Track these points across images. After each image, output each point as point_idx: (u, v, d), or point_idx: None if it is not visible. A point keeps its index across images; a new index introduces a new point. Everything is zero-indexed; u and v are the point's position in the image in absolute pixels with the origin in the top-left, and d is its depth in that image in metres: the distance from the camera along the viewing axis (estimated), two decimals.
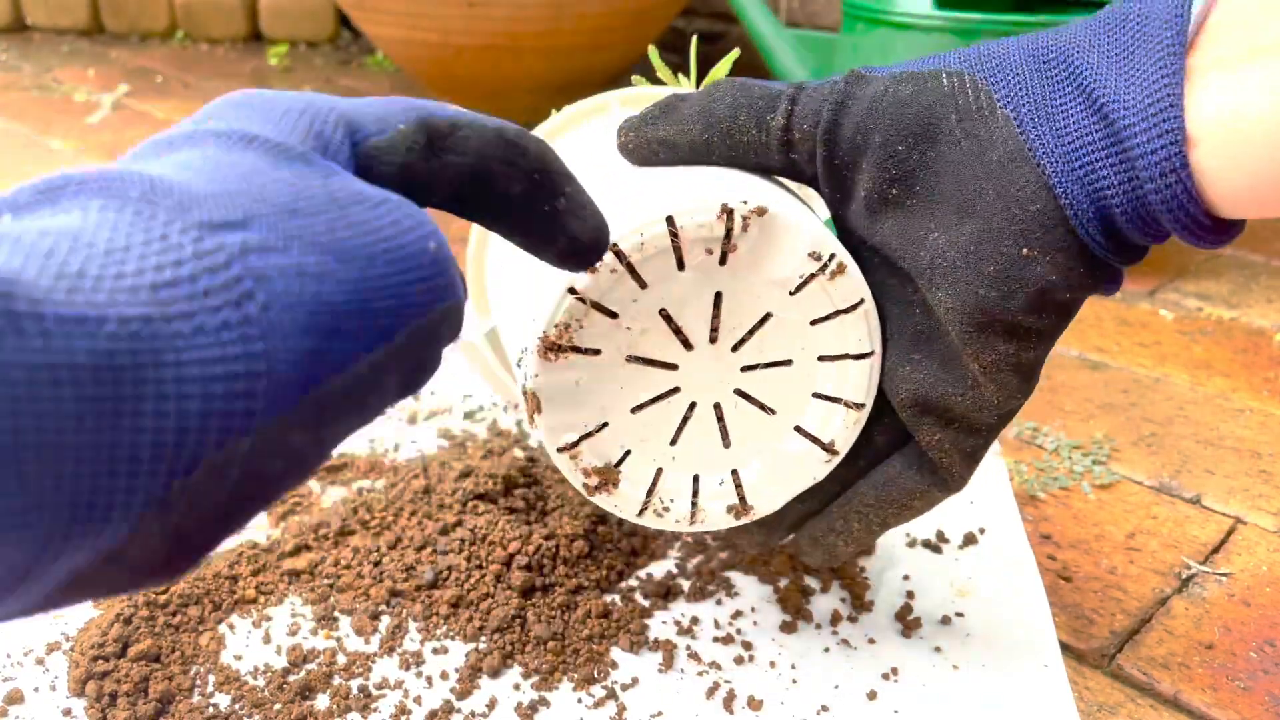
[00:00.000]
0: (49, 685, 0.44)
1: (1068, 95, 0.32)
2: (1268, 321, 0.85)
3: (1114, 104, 0.31)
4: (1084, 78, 0.32)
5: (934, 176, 0.34)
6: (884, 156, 0.34)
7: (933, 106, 0.34)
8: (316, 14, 2.00)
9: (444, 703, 0.43)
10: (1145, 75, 0.30)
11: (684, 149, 0.37)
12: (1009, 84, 0.33)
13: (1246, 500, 0.60)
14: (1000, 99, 0.33)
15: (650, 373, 0.37)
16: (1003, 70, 0.33)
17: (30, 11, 2.13)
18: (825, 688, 0.45)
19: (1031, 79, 0.33)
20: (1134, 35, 0.31)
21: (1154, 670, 0.47)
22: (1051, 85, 0.33)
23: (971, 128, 0.33)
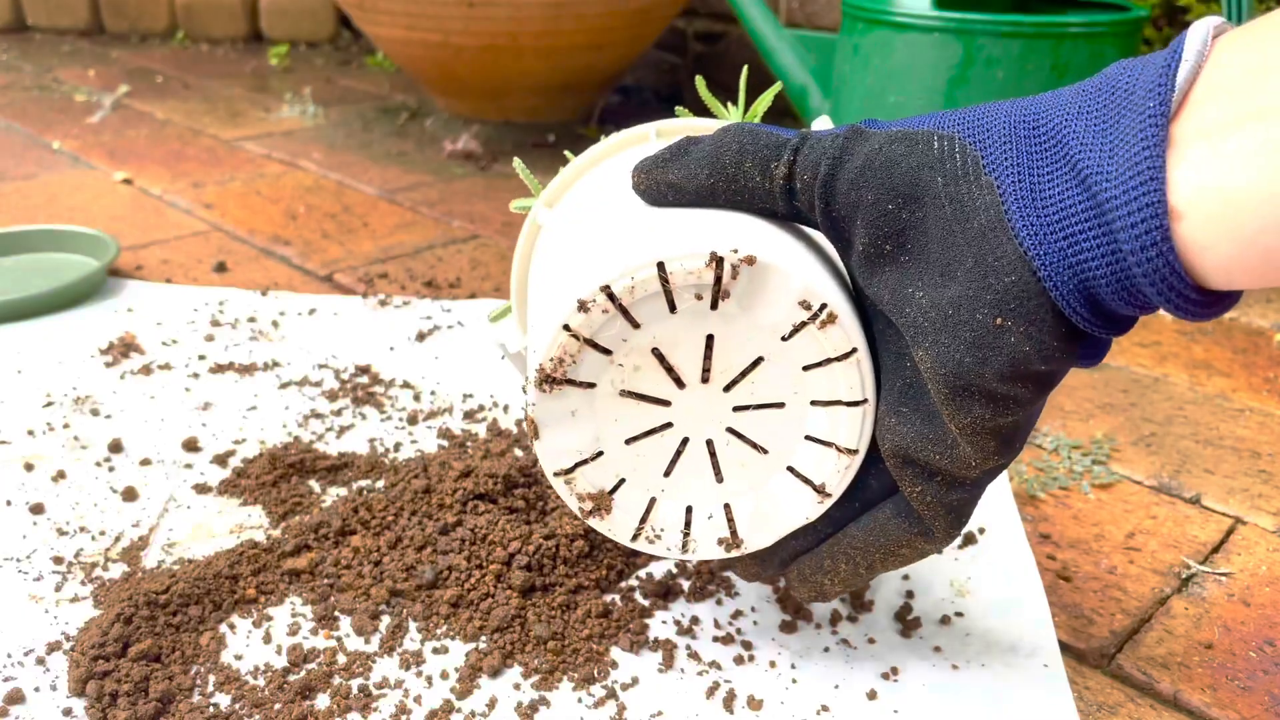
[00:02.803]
0: (49, 685, 0.44)
1: (1054, 164, 0.32)
2: (1268, 321, 0.85)
3: (1096, 175, 0.30)
4: (1069, 147, 0.32)
5: (922, 237, 0.34)
6: (876, 214, 0.34)
7: (920, 169, 0.34)
8: (316, 14, 2.01)
9: (444, 703, 0.43)
10: (1127, 145, 0.30)
11: (690, 193, 0.38)
12: (996, 150, 0.33)
13: (1246, 500, 0.60)
14: (987, 165, 0.33)
15: (644, 407, 0.38)
16: (991, 136, 0.33)
17: (31, 11, 2.13)
18: (825, 688, 0.45)
19: (1019, 146, 0.33)
20: (1119, 103, 0.31)
21: (1154, 670, 0.47)
22: (1038, 153, 0.32)
23: (957, 193, 0.33)
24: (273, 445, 0.62)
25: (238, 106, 1.54)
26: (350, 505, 0.54)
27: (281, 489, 0.57)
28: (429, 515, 0.53)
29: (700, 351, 0.37)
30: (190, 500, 0.57)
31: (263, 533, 0.54)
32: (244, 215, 1.06)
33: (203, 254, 0.95)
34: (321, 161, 1.26)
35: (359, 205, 1.10)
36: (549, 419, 0.38)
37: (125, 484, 0.58)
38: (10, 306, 0.78)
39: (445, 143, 1.31)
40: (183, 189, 1.14)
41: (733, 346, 0.37)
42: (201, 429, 0.64)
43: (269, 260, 0.94)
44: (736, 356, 0.37)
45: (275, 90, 1.65)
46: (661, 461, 0.39)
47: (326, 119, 1.47)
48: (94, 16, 2.12)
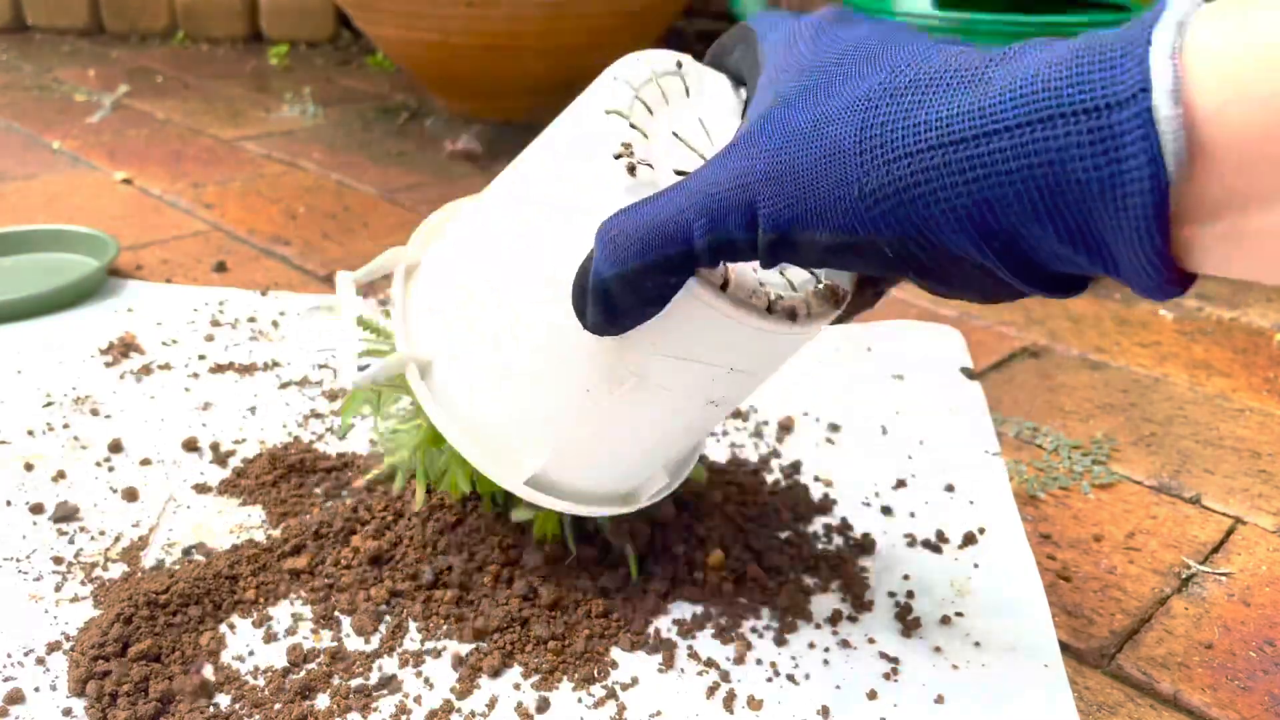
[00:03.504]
0: (49, 685, 0.44)
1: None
2: (1268, 321, 0.85)
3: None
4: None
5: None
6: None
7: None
8: (316, 14, 2.01)
9: (444, 703, 0.43)
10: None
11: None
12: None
13: (1246, 500, 0.60)
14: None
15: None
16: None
17: (30, 11, 2.13)
18: (825, 688, 0.45)
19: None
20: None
21: (1154, 670, 0.47)
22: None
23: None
24: (273, 445, 0.62)
25: (238, 106, 1.54)
26: (350, 505, 0.54)
27: (281, 489, 0.57)
28: (429, 515, 0.53)
29: (700, 130, 0.40)
30: (190, 500, 0.57)
31: (263, 533, 0.54)
32: (244, 215, 1.06)
33: (203, 254, 0.95)
34: (321, 161, 1.26)
35: (359, 205, 1.10)
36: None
37: (125, 484, 0.58)
38: (10, 306, 0.78)
39: (445, 143, 1.31)
40: (183, 189, 1.14)
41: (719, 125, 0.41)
42: (201, 429, 0.64)
43: (269, 260, 0.94)
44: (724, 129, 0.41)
45: (275, 90, 1.65)
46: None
47: (326, 119, 1.47)
48: (94, 16, 2.12)
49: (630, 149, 0.37)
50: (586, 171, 0.38)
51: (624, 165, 0.37)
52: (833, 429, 0.66)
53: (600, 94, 0.40)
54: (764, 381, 0.43)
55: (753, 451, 0.63)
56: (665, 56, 0.41)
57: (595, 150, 0.38)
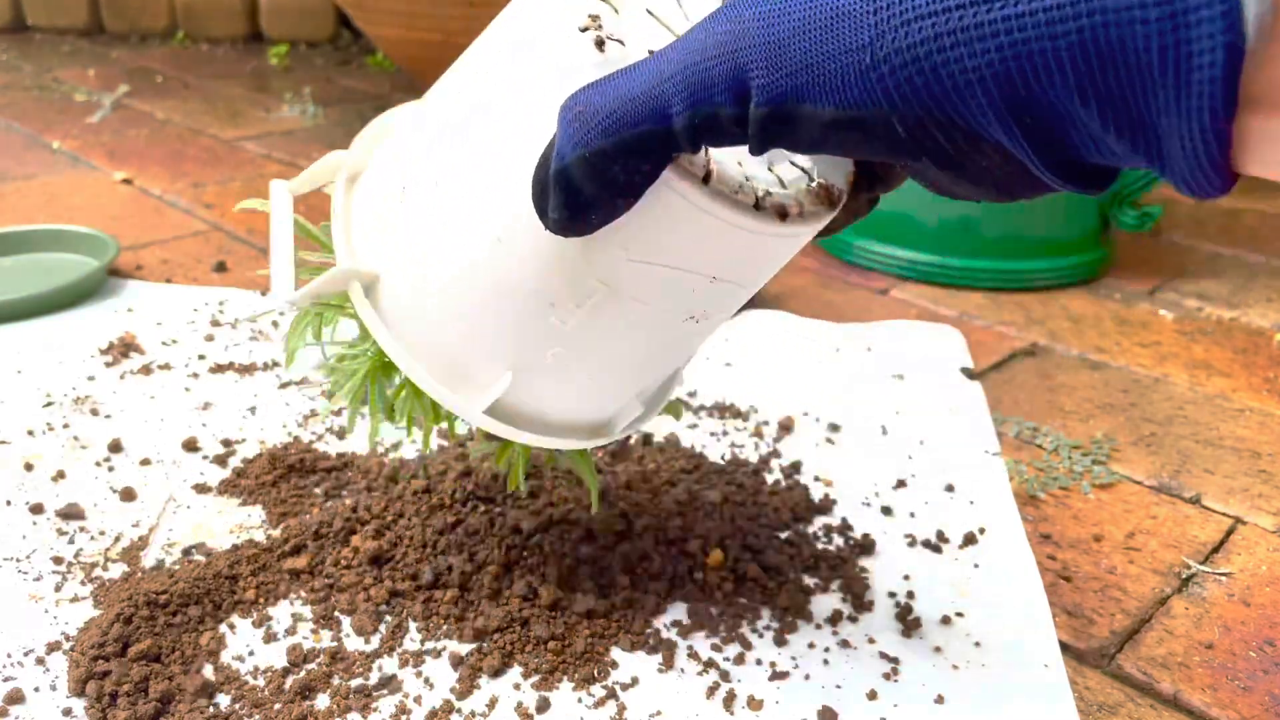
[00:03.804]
0: (49, 685, 0.44)
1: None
2: (1268, 321, 0.85)
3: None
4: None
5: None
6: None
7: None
8: (316, 14, 2.01)
9: (444, 703, 0.43)
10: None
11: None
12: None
13: (1246, 500, 0.60)
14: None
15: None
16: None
17: (30, 11, 2.13)
18: (825, 688, 0.45)
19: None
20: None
21: (1154, 670, 0.47)
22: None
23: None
24: (273, 445, 0.62)
25: (238, 106, 1.54)
26: (350, 505, 0.54)
27: (281, 489, 0.57)
28: (429, 515, 0.53)
29: (677, 9, 0.36)
30: (190, 500, 0.57)
31: (263, 533, 0.54)
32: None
33: (203, 254, 0.95)
34: None
35: None
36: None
37: (125, 484, 0.58)
38: (10, 306, 0.78)
39: None
40: (183, 189, 1.14)
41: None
42: (201, 429, 0.64)
43: (269, 260, 0.94)
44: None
45: (275, 90, 1.65)
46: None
47: (326, 119, 1.47)
48: (94, 16, 2.12)
49: (598, 22, 0.33)
50: (548, 48, 0.33)
51: (591, 39, 0.32)
52: (833, 429, 0.66)
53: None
54: (750, 294, 0.39)
55: (753, 451, 0.63)
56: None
57: (558, 24, 0.33)
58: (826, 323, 0.82)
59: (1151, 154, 0.23)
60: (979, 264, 0.90)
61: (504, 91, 0.35)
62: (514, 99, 0.34)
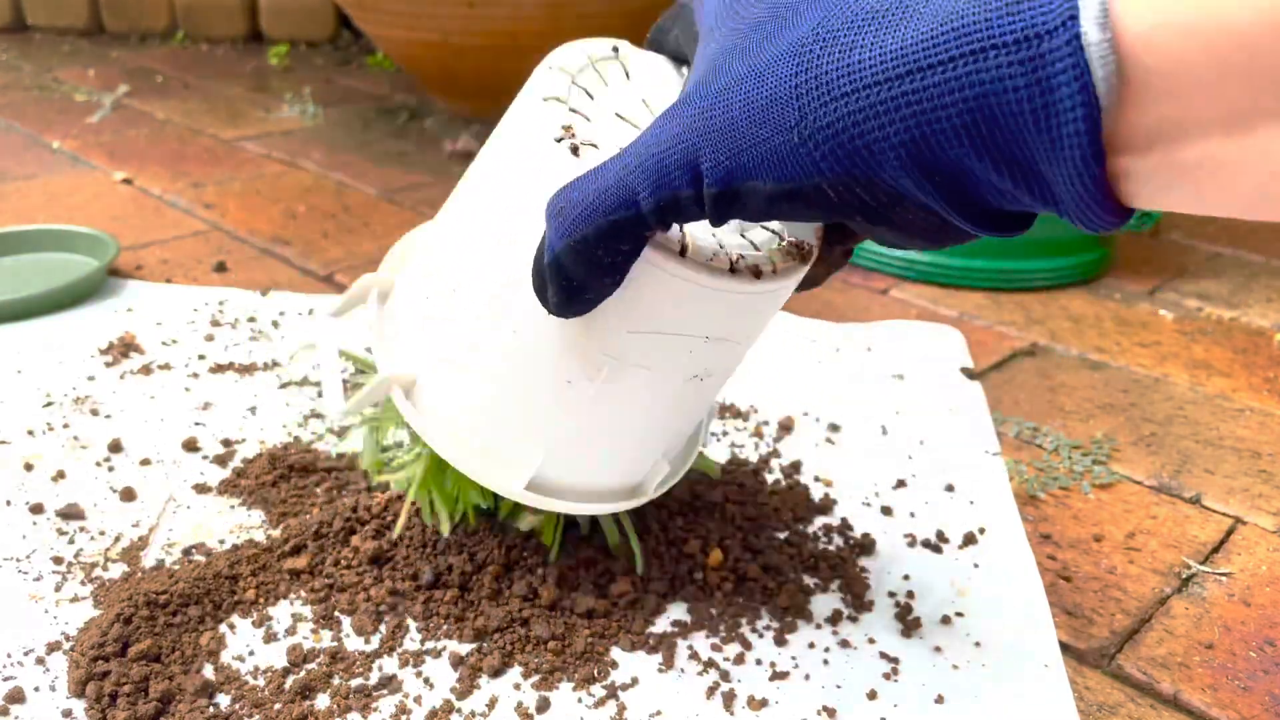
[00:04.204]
0: (49, 685, 0.44)
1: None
2: (1268, 321, 0.85)
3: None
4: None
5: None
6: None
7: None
8: (316, 14, 2.00)
9: (444, 703, 0.43)
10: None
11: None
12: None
13: (1246, 500, 0.60)
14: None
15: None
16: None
17: (30, 11, 2.13)
18: (825, 688, 0.45)
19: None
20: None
21: (1154, 670, 0.47)
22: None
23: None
24: (272, 445, 0.62)
25: (238, 106, 1.54)
26: (350, 505, 0.54)
27: (281, 489, 0.57)
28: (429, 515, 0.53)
29: (643, 108, 0.41)
30: (190, 500, 0.57)
31: (263, 533, 0.54)
32: (244, 215, 1.06)
33: (203, 254, 0.95)
34: (321, 161, 1.26)
35: (359, 205, 1.10)
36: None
37: (125, 484, 0.58)
38: (10, 306, 0.78)
39: (445, 143, 1.31)
40: (183, 189, 1.14)
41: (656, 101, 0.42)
42: (201, 429, 0.64)
43: (269, 260, 0.94)
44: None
45: (275, 90, 1.65)
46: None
47: (326, 119, 1.47)
48: (94, 16, 2.12)
49: (571, 131, 0.37)
50: (531, 161, 0.37)
51: (566, 147, 0.36)
52: (833, 429, 0.66)
53: (538, 84, 0.40)
54: (747, 349, 0.42)
55: (753, 451, 0.63)
56: (601, 43, 0.41)
57: (537, 138, 0.37)
58: (826, 323, 0.82)
59: (1046, 199, 0.27)
60: (979, 264, 0.90)
61: (499, 200, 0.39)
62: (508, 206, 0.39)
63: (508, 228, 0.38)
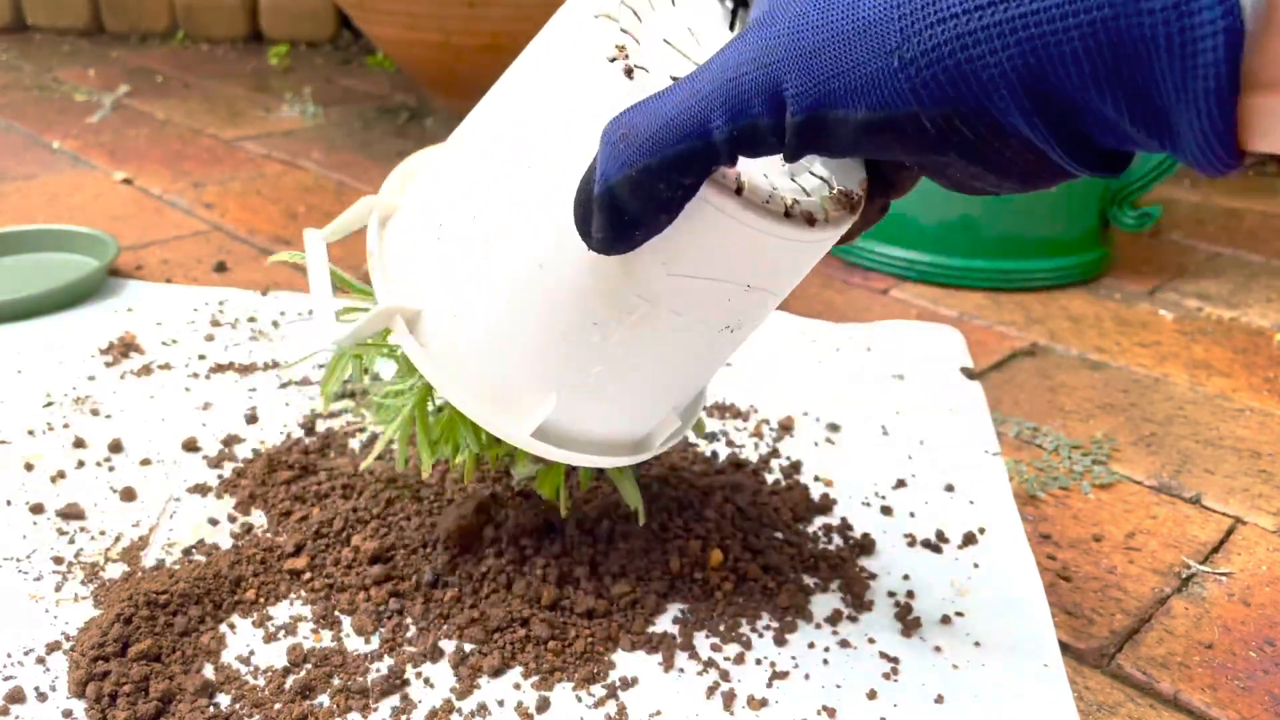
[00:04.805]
0: (49, 685, 0.44)
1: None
2: (1268, 321, 0.85)
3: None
4: None
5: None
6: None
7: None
8: (316, 14, 2.00)
9: (444, 702, 0.43)
10: None
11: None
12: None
13: (1246, 500, 0.60)
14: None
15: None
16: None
17: (31, 11, 2.13)
18: (825, 688, 0.45)
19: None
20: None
21: (1154, 670, 0.47)
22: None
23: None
24: (272, 445, 0.62)
25: (238, 106, 1.54)
26: (350, 505, 0.54)
27: (281, 489, 0.57)
28: (429, 515, 0.53)
29: (690, 38, 0.37)
30: (190, 500, 0.57)
31: (263, 533, 0.54)
32: (244, 215, 1.06)
33: (203, 254, 0.95)
34: (321, 161, 1.26)
35: None
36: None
37: (125, 484, 0.58)
38: (10, 306, 0.78)
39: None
40: (183, 189, 1.14)
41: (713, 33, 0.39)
42: (201, 429, 0.64)
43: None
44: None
45: (275, 90, 1.65)
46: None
47: (326, 119, 1.47)
48: (94, 16, 2.12)
49: (625, 52, 0.34)
50: (579, 79, 0.35)
51: (620, 68, 0.34)
52: (833, 429, 0.66)
53: (583, 2, 0.37)
54: (778, 301, 0.40)
55: (753, 451, 0.63)
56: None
57: (587, 56, 0.34)
58: (826, 323, 0.82)
59: (1164, 137, 0.25)
60: (979, 264, 0.90)
61: (538, 122, 0.36)
62: (549, 129, 0.36)
63: (545, 149, 0.35)
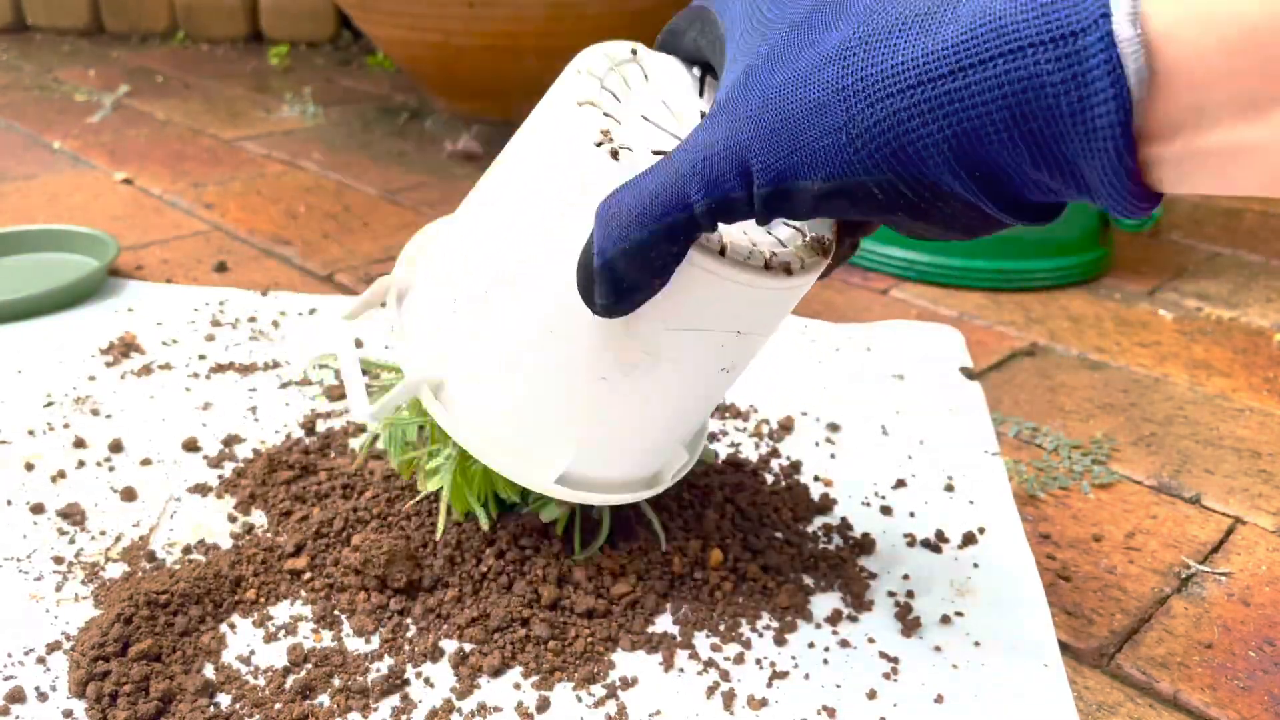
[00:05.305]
0: (49, 685, 0.44)
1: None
2: (1267, 321, 0.85)
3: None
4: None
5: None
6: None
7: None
8: (317, 14, 2.00)
9: (444, 702, 0.43)
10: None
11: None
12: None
13: (1246, 500, 0.60)
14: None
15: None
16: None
17: (31, 11, 2.13)
18: (825, 688, 0.45)
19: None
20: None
21: (1153, 670, 0.47)
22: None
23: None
24: (273, 445, 0.62)
25: (238, 106, 1.54)
26: (350, 505, 0.54)
27: (281, 489, 0.57)
28: (429, 515, 0.53)
29: (664, 110, 0.41)
30: (190, 500, 0.57)
31: (263, 533, 0.54)
32: (244, 215, 1.06)
33: (203, 254, 0.95)
34: (322, 161, 1.26)
35: (359, 205, 1.10)
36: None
37: (125, 484, 0.58)
38: (10, 306, 0.78)
39: (445, 143, 1.31)
40: (183, 189, 1.14)
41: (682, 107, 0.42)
42: (201, 429, 0.64)
43: (269, 260, 0.94)
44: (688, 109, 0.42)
45: (275, 90, 1.65)
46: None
47: (326, 119, 1.47)
48: (94, 16, 2.12)
49: (609, 135, 0.38)
50: (571, 165, 0.38)
51: (606, 152, 0.37)
52: (833, 429, 0.66)
53: (567, 88, 0.40)
54: (767, 341, 0.44)
55: (753, 451, 0.63)
56: (619, 46, 0.42)
57: (575, 142, 0.38)
58: (826, 323, 0.82)
59: (1081, 188, 0.28)
60: (979, 264, 0.90)
61: (535, 205, 0.40)
62: (546, 211, 0.39)
63: (547, 231, 0.39)
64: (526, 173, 0.41)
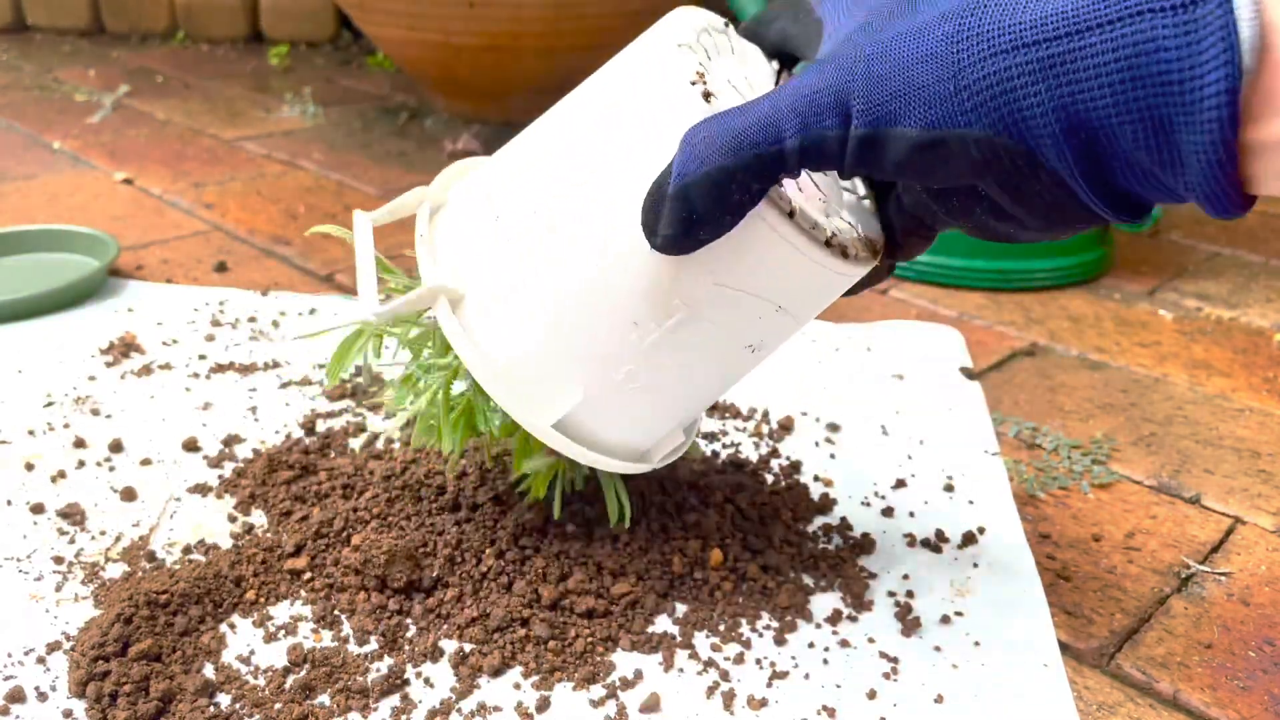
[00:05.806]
0: (49, 685, 0.44)
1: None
2: (1267, 321, 0.85)
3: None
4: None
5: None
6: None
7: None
8: (317, 14, 2.00)
9: (444, 703, 0.43)
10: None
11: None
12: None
13: (1246, 500, 0.60)
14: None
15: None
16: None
17: (31, 11, 2.13)
18: (825, 687, 0.45)
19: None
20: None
21: (1153, 670, 0.47)
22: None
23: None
24: (273, 445, 0.62)
25: (238, 106, 1.54)
26: (350, 505, 0.54)
27: (281, 489, 0.57)
28: (430, 515, 0.53)
29: (748, 85, 0.41)
30: (190, 500, 0.57)
31: (263, 533, 0.54)
32: (244, 215, 1.06)
33: (203, 254, 0.95)
34: (321, 161, 1.26)
35: (359, 205, 1.10)
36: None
37: (125, 484, 0.58)
38: (10, 306, 0.78)
39: (445, 143, 1.31)
40: (183, 189, 1.14)
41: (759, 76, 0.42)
42: (201, 429, 0.64)
43: (269, 260, 0.94)
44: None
45: (275, 90, 1.65)
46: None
47: (326, 119, 1.47)
48: (94, 16, 2.12)
49: (704, 77, 0.38)
50: (659, 96, 0.38)
51: (699, 91, 0.37)
52: (833, 429, 0.66)
53: (668, 31, 0.40)
54: (798, 329, 0.44)
55: (753, 451, 0.63)
56: (713, 16, 0.42)
57: (668, 78, 0.38)
58: (826, 323, 0.82)
59: (1175, 167, 0.28)
60: (979, 264, 0.90)
61: (613, 131, 0.39)
62: (624, 137, 0.39)
63: (620, 155, 0.39)
64: (606, 101, 0.40)
